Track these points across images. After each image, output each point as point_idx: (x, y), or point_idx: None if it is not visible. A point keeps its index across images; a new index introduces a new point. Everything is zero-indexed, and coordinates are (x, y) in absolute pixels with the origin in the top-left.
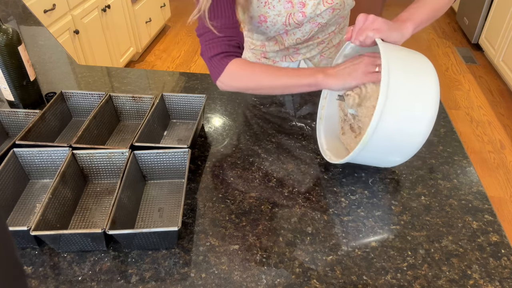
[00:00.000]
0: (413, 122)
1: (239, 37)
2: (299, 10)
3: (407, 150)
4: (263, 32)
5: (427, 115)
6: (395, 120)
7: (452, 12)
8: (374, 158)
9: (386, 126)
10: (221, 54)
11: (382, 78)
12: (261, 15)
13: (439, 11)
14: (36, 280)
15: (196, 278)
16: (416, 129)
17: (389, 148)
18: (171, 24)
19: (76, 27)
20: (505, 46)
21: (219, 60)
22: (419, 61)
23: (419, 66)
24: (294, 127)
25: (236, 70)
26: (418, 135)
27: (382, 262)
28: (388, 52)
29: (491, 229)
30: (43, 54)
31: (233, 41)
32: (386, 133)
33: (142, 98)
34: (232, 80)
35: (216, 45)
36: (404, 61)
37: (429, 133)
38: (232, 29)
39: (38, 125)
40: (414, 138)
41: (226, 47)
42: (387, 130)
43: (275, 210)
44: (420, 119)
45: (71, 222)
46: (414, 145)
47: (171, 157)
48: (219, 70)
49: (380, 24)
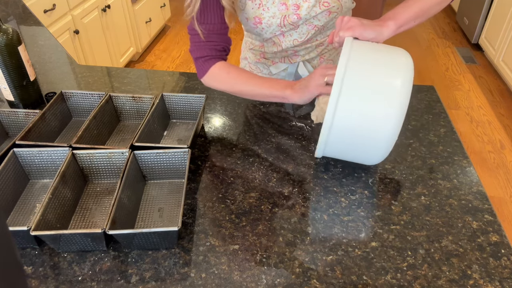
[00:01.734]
0: (372, 116)
1: (226, 42)
2: (293, 12)
3: (374, 144)
4: (259, 33)
5: (388, 110)
6: (351, 109)
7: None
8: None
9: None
10: (206, 57)
11: (337, 70)
12: (256, 17)
13: (427, 11)
14: (36, 280)
15: (196, 278)
16: (377, 123)
17: (354, 140)
18: (171, 24)
19: (76, 27)
20: (505, 46)
21: (203, 62)
22: (389, 57)
23: (386, 62)
24: (294, 127)
25: (217, 73)
26: (381, 129)
27: (382, 262)
28: (353, 47)
29: (491, 229)
30: (43, 54)
31: (219, 46)
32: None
33: (142, 98)
34: (213, 81)
35: (203, 48)
36: (368, 57)
37: (398, 128)
38: (218, 35)
39: (38, 125)
40: (377, 133)
41: (211, 51)
42: (345, 118)
43: (275, 210)
44: (380, 112)
45: (71, 222)
46: (380, 140)
47: (171, 157)
48: (203, 70)
49: (353, 23)
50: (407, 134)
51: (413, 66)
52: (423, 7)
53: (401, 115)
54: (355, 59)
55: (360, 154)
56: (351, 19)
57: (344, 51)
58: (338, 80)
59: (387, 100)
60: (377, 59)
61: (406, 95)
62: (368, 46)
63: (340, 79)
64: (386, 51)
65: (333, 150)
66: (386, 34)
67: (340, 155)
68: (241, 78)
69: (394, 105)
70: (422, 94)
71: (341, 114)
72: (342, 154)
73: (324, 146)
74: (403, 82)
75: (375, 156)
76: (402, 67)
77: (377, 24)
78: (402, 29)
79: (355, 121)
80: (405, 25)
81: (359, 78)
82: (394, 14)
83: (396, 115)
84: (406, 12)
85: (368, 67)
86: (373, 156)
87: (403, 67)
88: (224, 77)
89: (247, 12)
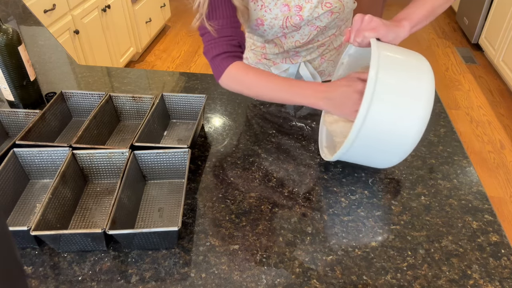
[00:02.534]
0: (402, 122)
1: (240, 37)
2: (296, 14)
3: (396, 150)
4: (261, 35)
5: (418, 115)
6: (382, 116)
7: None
8: (365, 156)
9: (372, 122)
10: (222, 55)
11: (370, 75)
12: (258, 19)
13: (437, 10)
14: (36, 280)
15: (196, 278)
16: (405, 129)
17: (377, 146)
18: (171, 24)
19: (76, 27)
20: (505, 46)
21: (220, 61)
22: (415, 62)
23: (413, 67)
24: (294, 127)
25: (234, 73)
26: (407, 135)
27: (382, 262)
28: (381, 51)
29: (491, 229)
30: (43, 54)
31: (234, 40)
32: (373, 129)
33: (142, 98)
34: (231, 82)
35: (218, 45)
36: (397, 61)
37: (422, 131)
38: (232, 28)
39: (38, 125)
40: (403, 139)
41: (227, 47)
42: (374, 126)
43: (275, 210)
44: (409, 118)
45: (71, 222)
46: (404, 146)
47: (171, 157)
48: (221, 70)
49: (376, 24)
50: None
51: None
52: (434, 4)
53: (427, 121)
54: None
55: (376, 161)
56: (373, 18)
57: (373, 57)
58: (369, 91)
59: (415, 107)
60: (402, 62)
61: (432, 103)
62: (393, 48)
63: (372, 88)
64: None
65: (351, 157)
66: (402, 35)
67: (354, 160)
68: (264, 82)
69: (420, 113)
70: None
71: (369, 124)
72: (357, 159)
73: (346, 151)
74: (430, 87)
75: (390, 163)
76: (429, 74)
77: (395, 25)
78: (415, 29)
79: (382, 130)
80: (418, 25)
81: (389, 88)
82: (408, 14)
83: (423, 122)
84: (418, 11)
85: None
86: (388, 163)
87: (429, 73)
88: (243, 78)
89: (249, 13)
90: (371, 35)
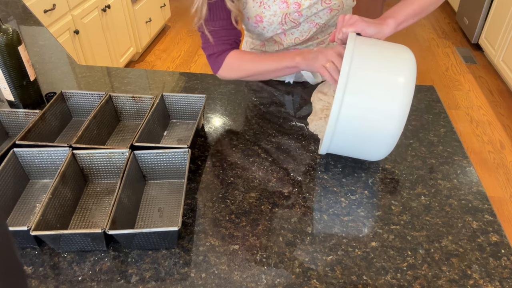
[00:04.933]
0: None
1: (236, 35)
2: (295, 10)
3: (379, 139)
4: (260, 32)
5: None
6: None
7: (452, 12)
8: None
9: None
10: (217, 53)
11: (343, 65)
12: (257, 16)
13: (426, 9)
14: (36, 280)
15: (196, 278)
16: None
17: (359, 135)
18: (171, 24)
19: (76, 27)
20: (505, 46)
21: (216, 57)
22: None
23: (390, 57)
24: (294, 127)
25: (230, 63)
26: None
27: (382, 262)
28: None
29: (491, 229)
30: (43, 54)
31: (230, 39)
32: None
33: (142, 98)
34: (229, 72)
35: (215, 44)
36: (372, 52)
37: (402, 123)
38: (228, 30)
39: (38, 125)
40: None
41: (223, 46)
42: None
43: (275, 210)
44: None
45: (71, 222)
46: (385, 135)
47: (171, 157)
48: (218, 65)
49: (355, 20)
50: (407, 134)
51: (415, 61)
52: (422, 5)
53: (406, 109)
54: (360, 55)
55: (364, 149)
56: (353, 16)
57: (348, 46)
58: (343, 75)
59: (392, 95)
60: (381, 54)
61: (410, 89)
62: (371, 42)
63: (346, 74)
64: (389, 47)
65: (337, 147)
66: (386, 31)
67: (344, 151)
68: (254, 60)
69: (399, 99)
70: (422, 94)
71: (346, 110)
72: (346, 150)
73: (329, 143)
74: (408, 76)
75: (379, 151)
76: (407, 62)
77: (378, 22)
78: (401, 26)
79: (360, 116)
80: (404, 23)
81: (364, 73)
82: (393, 12)
83: (401, 109)
84: (404, 10)
85: (373, 62)
86: (377, 151)
87: (407, 62)
88: (238, 64)
89: (248, 11)
90: (350, 29)
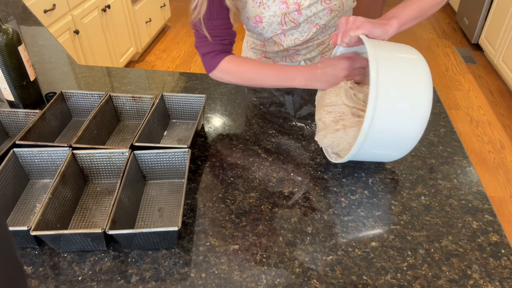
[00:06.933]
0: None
1: (231, 36)
2: (294, 10)
3: (403, 144)
4: (260, 33)
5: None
6: (389, 114)
7: (452, 12)
8: (374, 154)
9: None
10: (214, 52)
11: (371, 74)
12: (256, 16)
13: (428, 10)
14: (36, 280)
15: (196, 278)
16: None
17: (385, 143)
18: (171, 24)
19: (76, 27)
20: (505, 46)
21: (211, 57)
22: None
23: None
24: (294, 127)
25: (226, 67)
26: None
27: (382, 262)
28: (376, 48)
29: (491, 229)
30: (43, 54)
31: (226, 40)
32: (381, 129)
33: (142, 98)
34: (224, 75)
35: (209, 44)
36: (393, 57)
37: (425, 125)
38: (225, 30)
39: (38, 125)
40: (408, 133)
41: (218, 46)
42: (382, 125)
43: (275, 210)
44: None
45: (71, 222)
46: (409, 140)
47: (171, 157)
48: (212, 66)
49: (361, 22)
50: None
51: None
52: (423, 6)
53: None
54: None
55: (387, 154)
56: (357, 18)
57: (370, 54)
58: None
59: (417, 99)
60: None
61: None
62: (383, 43)
63: (375, 84)
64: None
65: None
66: (390, 32)
67: (363, 157)
68: (255, 71)
69: (424, 104)
70: None
71: (377, 123)
72: (366, 157)
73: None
74: (429, 79)
75: (400, 154)
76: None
77: (382, 22)
78: (404, 28)
79: (389, 126)
80: (407, 24)
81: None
82: (397, 12)
83: (428, 111)
84: (407, 10)
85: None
86: (399, 154)
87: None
88: (235, 70)
89: (247, 11)
90: (357, 32)
